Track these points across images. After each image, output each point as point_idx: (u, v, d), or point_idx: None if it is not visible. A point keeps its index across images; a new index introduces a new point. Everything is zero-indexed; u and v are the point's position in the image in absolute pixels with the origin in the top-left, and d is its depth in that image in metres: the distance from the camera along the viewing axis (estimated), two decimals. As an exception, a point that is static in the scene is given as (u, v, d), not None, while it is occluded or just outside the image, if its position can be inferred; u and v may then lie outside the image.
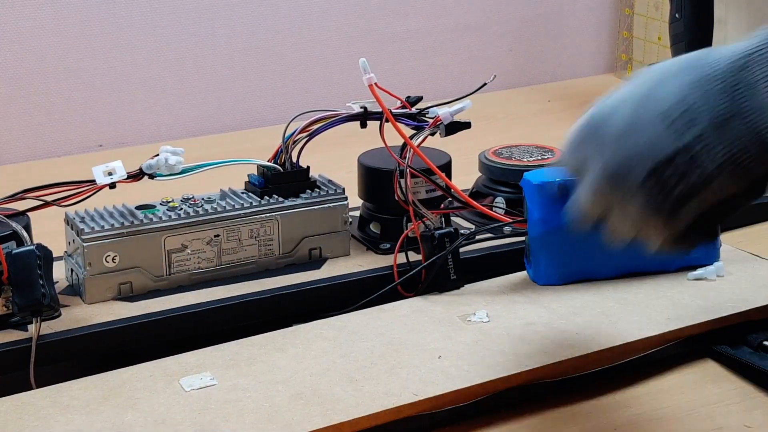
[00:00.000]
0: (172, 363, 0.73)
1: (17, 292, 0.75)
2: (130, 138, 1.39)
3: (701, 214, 0.59)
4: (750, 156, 0.56)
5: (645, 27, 1.55)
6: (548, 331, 0.77)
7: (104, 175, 0.80)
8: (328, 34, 1.47)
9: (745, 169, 0.57)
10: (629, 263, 0.85)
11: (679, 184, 0.58)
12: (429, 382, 0.70)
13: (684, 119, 0.57)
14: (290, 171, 0.88)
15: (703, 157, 0.57)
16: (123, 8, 1.35)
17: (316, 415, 0.67)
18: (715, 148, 0.57)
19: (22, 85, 1.32)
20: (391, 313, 0.80)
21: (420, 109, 0.88)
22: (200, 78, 1.41)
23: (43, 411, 0.68)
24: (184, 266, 0.84)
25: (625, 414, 0.71)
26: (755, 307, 0.80)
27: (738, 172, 0.57)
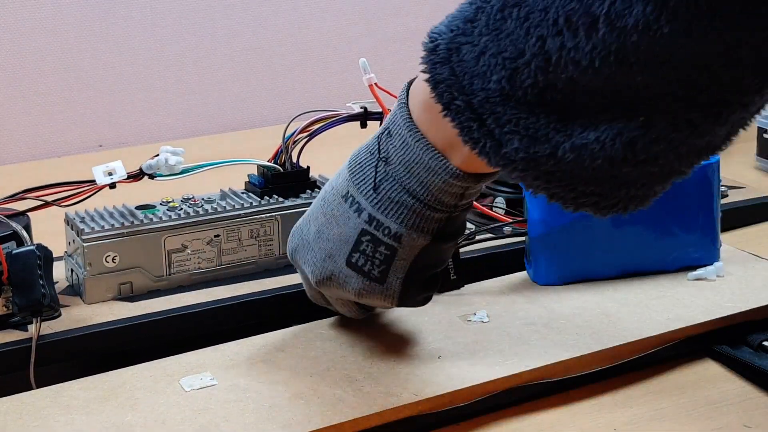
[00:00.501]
0: (172, 363, 0.73)
1: (17, 292, 0.75)
2: (130, 138, 1.39)
3: (410, 272, 0.69)
4: (408, 210, 0.67)
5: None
6: (548, 331, 0.77)
7: (104, 175, 0.80)
8: (328, 34, 1.47)
9: (420, 220, 0.67)
10: (629, 263, 0.85)
11: (376, 252, 0.68)
12: (429, 382, 0.70)
13: (354, 207, 0.68)
14: (290, 171, 0.88)
15: (382, 227, 0.67)
16: (123, 8, 1.35)
17: (316, 415, 0.67)
18: (385, 222, 0.67)
19: (22, 85, 1.32)
20: (391, 313, 0.80)
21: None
22: (200, 78, 1.41)
23: (43, 411, 0.68)
24: (185, 266, 0.84)
25: (624, 414, 0.71)
26: (755, 307, 0.80)
27: (414, 224, 0.67)
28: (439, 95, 0.60)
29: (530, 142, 0.57)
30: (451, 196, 0.66)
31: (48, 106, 1.34)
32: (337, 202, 0.70)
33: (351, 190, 0.69)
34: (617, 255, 0.84)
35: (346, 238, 0.69)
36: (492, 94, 0.57)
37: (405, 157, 0.66)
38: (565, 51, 0.53)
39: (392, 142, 0.66)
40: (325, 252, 0.70)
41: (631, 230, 0.84)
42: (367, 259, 0.69)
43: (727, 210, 0.99)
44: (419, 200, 0.66)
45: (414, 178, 0.66)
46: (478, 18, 0.58)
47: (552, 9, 0.53)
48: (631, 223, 0.83)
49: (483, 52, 0.58)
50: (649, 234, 0.84)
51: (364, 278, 0.69)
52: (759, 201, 1.02)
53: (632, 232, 0.84)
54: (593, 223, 0.83)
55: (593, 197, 0.59)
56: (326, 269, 0.70)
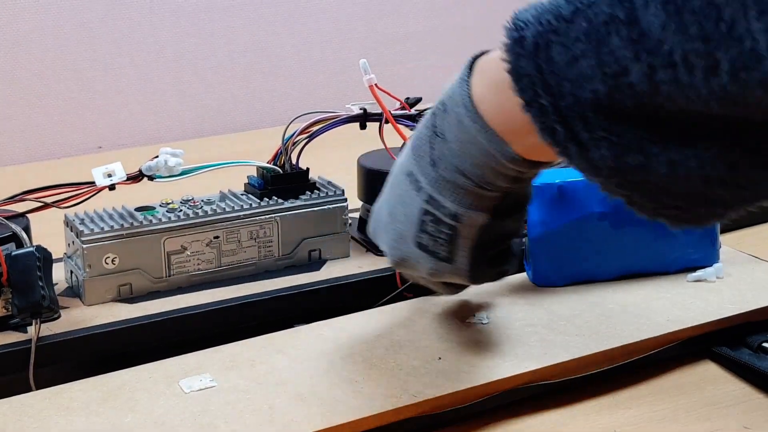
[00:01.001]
0: (171, 364, 0.73)
1: (17, 294, 0.75)
2: (130, 139, 1.39)
3: (476, 249, 0.68)
4: (462, 189, 0.65)
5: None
6: (548, 333, 0.77)
7: (104, 177, 0.80)
8: (328, 35, 1.47)
9: (475, 199, 0.66)
10: (629, 265, 0.85)
11: (439, 231, 0.67)
12: (429, 383, 0.70)
13: (415, 186, 0.67)
14: (290, 173, 0.88)
15: (440, 207, 0.66)
16: (122, 10, 1.35)
17: (316, 416, 0.67)
18: (443, 202, 0.66)
19: (22, 86, 1.32)
20: (390, 314, 0.80)
21: (419, 110, 0.88)
22: (199, 79, 1.41)
23: (43, 413, 0.68)
24: (184, 268, 0.84)
25: (624, 415, 0.71)
26: (755, 308, 0.80)
27: (471, 203, 0.66)
28: (522, 90, 0.58)
29: (621, 151, 0.55)
30: (504, 179, 0.64)
31: (47, 107, 1.34)
32: (403, 180, 0.68)
33: (412, 168, 0.67)
34: (616, 256, 0.84)
35: (412, 219, 0.67)
36: (584, 99, 0.55)
37: (459, 136, 0.64)
38: (677, 85, 0.51)
39: (447, 118, 0.64)
40: (397, 233, 0.69)
41: (630, 231, 0.84)
42: (432, 239, 0.67)
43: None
44: (472, 180, 0.64)
45: (467, 157, 0.64)
46: (576, 21, 0.55)
47: (668, 42, 0.51)
48: (630, 225, 0.83)
49: (577, 58, 0.55)
50: (649, 235, 0.84)
51: (433, 258, 0.68)
52: (758, 202, 1.02)
53: (631, 233, 0.84)
54: (592, 224, 0.83)
55: (674, 210, 0.58)
56: (399, 251, 0.69)
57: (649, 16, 0.52)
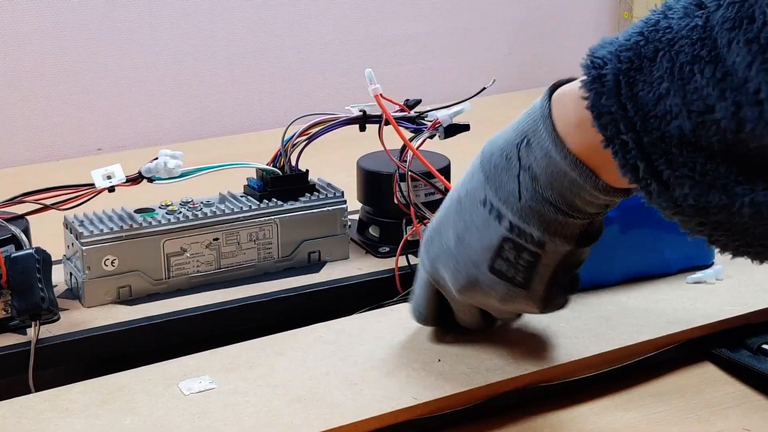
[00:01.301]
0: (171, 366, 0.73)
1: (16, 296, 0.75)
2: (129, 141, 1.39)
3: (553, 276, 0.68)
4: (550, 218, 0.65)
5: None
6: (547, 335, 0.77)
7: (103, 179, 0.80)
8: (327, 37, 1.47)
9: (562, 227, 0.66)
10: (634, 267, 0.85)
11: (520, 258, 0.67)
12: (428, 385, 0.70)
13: (494, 214, 0.67)
14: (289, 174, 0.88)
15: (524, 234, 0.66)
16: (122, 12, 1.35)
17: (316, 418, 0.67)
18: (527, 230, 0.66)
19: (21, 88, 1.32)
20: (390, 316, 0.80)
21: (419, 112, 0.88)
22: (199, 81, 1.41)
23: (42, 415, 0.68)
24: (183, 270, 0.84)
25: (624, 417, 0.71)
26: (754, 310, 0.80)
27: (557, 231, 0.66)
28: (602, 127, 0.59)
29: (703, 190, 0.56)
30: (595, 207, 0.65)
31: (47, 109, 1.34)
32: (475, 207, 0.68)
33: (489, 196, 0.67)
34: (623, 259, 0.84)
35: (488, 245, 0.67)
36: (668, 136, 0.56)
37: (548, 169, 0.64)
38: (763, 123, 0.52)
39: (532, 152, 0.65)
40: (468, 259, 0.69)
41: (636, 233, 0.83)
42: (511, 266, 0.67)
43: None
44: (561, 210, 0.65)
45: (556, 189, 0.64)
46: (659, 60, 0.56)
47: (754, 80, 0.52)
48: (637, 226, 0.83)
49: (662, 96, 0.56)
50: (652, 236, 0.84)
51: (508, 284, 0.68)
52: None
53: (637, 235, 0.83)
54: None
55: (758, 248, 0.58)
56: (471, 276, 0.69)
57: (732, 56, 0.52)
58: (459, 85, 1.54)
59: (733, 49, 0.52)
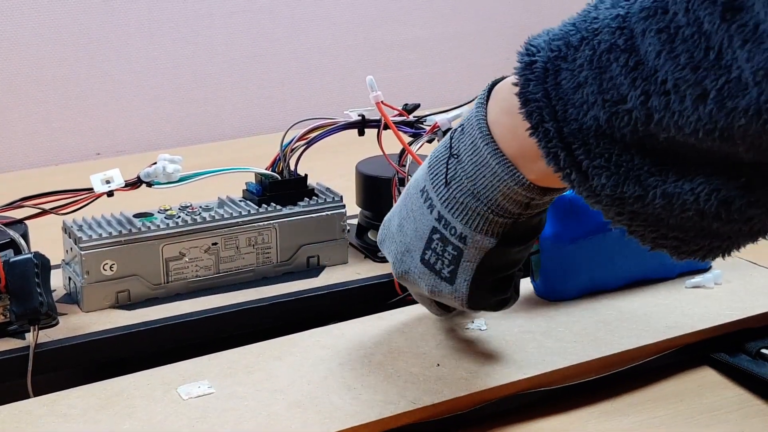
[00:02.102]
0: (169, 371, 0.73)
1: (15, 301, 0.75)
2: (128, 146, 1.39)
3: (478, 273, 0.67)
4: (472, 211, 0.66)
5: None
6: (546, 339, 0.77)
7: (102, 184, 0.80)
8: (326, 42, 1.47)
9: (484, 223, 0.66)
10: (636, 272, 0.84)
11: (445, 251, 0.67)
12: (427, 390, 0.70)
13: (428, 203, 0.67)
14: (288, 179, 0.88)
15: (449, 226, 0.66)
16: (121, 17, 1.35)
17: (314, 423, 0.67)
18: (452, 222, 0.66)
19: (20, 93, 1.32)
20: (388, 320, 0.80)
21: (417, 116, 0.88)
22: (198, 86, 1.42)
23: (41, 420, 0.68)
24: (182, 274, 0.84)
25: (623, 422, 0.71)
26: (753, 314, 0.80)
27: (479, 226, 0.66)
28: (528, 114, 0.59)
29: (619, 181, 0.56)
30: (515, 204, 0.65)
31: (46, 114, 1.34)
32: (416, 195, 0.69)
33: (426, 185, 0.67)
34: (624, 264, 0.84)
35: (421, 234, 0.68)
36: (586, 126, 0.56)
37: (473, 158, 0.64)
38: (669, 113, 0.52)
39: (464, 140, 0.65)
40: (404, 246, 0.70)
41: None
42: (438, 258, 0.68)
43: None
44: (483, 203, 0.65)
45: (479, 180, 0.64)
46: (582, 49, 0.57)
47: (662, 70, 0.52)
48: None
49: (581, 85, 0.56)
50: None
51: (435, 276, 0.68)
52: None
53: None
54: (604, 234, 0.82)
55: (674, 241, 0.58)
56: (404, 264, 0.70)
57: (645, 45, 0.53)
58: (457, 89, 1.54)
59: (646, 38, 0.53)
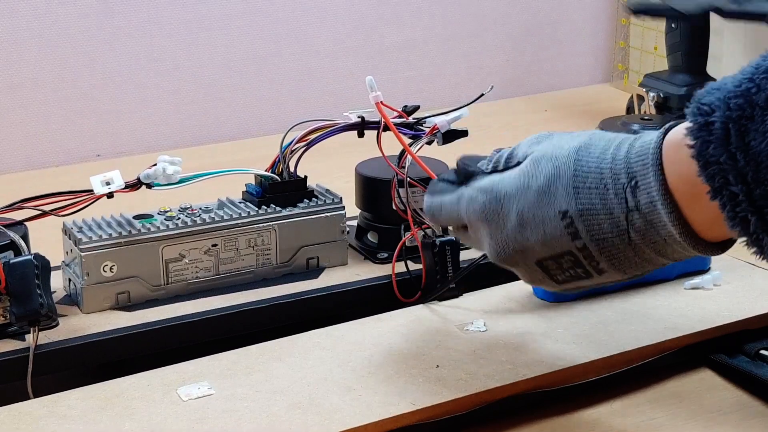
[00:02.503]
0: (169, 372, 0.73)
1: (15, 302, 0.75)
2: (128, 148, 1.39)
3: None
4: (626, 259, 0.64)
5: (641, 37, 1.55)
6: (545, 340, 0.77)
7: (102, 185, 0.80)
8: (326, 43, 1.47)
9: (627, 267, 0.65)
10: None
11: (573, 270, 0.66)
12: (427, 391, 0.70)
13: (576, 227, 0.64)
14: (288, 180, 0.88)
15: (593, 259, 0.65)
16: (120, 18, 1.35)
17: (314, 424, 0.67)
18: (597, 258, 0.64)
19: (20, 94, 1.32)
20: (388, 322, 0.80)
21: (417, 118, 0.88)
22: (198, 87, 1.42)
23: (41, 421, 0.68)
24: (182, 276, 0.84)
25: (622, 423, 0.71)
26: (752, 316, 0.80)
27: (622, 268, 0.65)
28: (709, 177, 0.57)
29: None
30: (676, 259, 0.64)
31: (46, 115, 1.34)
32: (550, 211, 0.65)
33: (572, 212, 0.64)
34: None
35: (548, 246, 0.66)
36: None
37: (649, 217, 0.62)
38: None
39: (638, 197, 0.62)
40: (521, 245, 0.67)
41: None
42: (559, 269, 0.66)
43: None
44: (642, 257, 0.64)
45: (649, 237, 0.62)
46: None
47: None
48: None
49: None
50: None
51: (546, 276, 0.67)
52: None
53: None
54: None
55: None
56: (512, 259, 0.68)
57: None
58: (457, 91, 1.54)
59: None
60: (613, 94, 1.56)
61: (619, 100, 1.46)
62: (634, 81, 1.51)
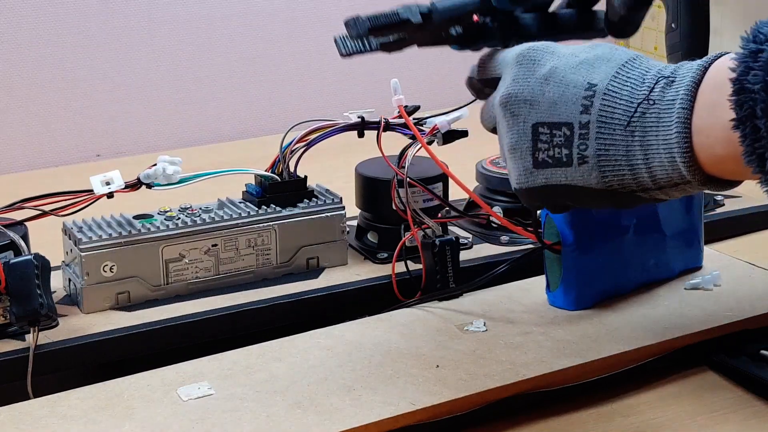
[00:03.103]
0: (169, 372, 0.73)
1: (15, 302, 0.75)
2: (128, 148, 1.39)
3: (549, 186, 0.66)
4: (621, 178, 0.63)
5: (641, 37, 1.55)
6: (545, 341, 0.77)
7: (102, 185, 0.80)
8: (325, 43, 1.47)
9: (616, 183, 0.64)
10: (644, 275, 0.84)
11: (549, 151, 0.65)
12: (426, 391, 0.70)
13: (592, 101, 0.64)
14: (288, 180, 0.88)
15: (578, 145, 0.64)
16: (121, 18, 1.35)
17: (314, 424, 0.67)
18: (589, 144, 0.64)
19: (20, 94, 1.32)
20: (388, 322, 0.80)
21: (417, 118, 0.88)
22: (198, 87, 1.42)
23: (41, 421, 0.68)
24: (182, 276, 0.84)
25: (622, 423, 0.71)
26: (752, 316, 0.80)
27: (607, 195, 0.64)
28: (738, 104, 0.56)
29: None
30: (655, 181, 0.62)
31: (46, 115, 1.34)
32: (580, 79, 0.65)
33: (599, 88, 0.64)
34: (637, 267, 0.83)
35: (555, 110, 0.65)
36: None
37: (662, 115, 0.61)
38: None
39: (666, 92, 0.61)
40: (533, 97, 0.67)
41: (649, 239, 0.83)
42: (548, 144, 0.65)
43: (723, 219, 1.00)
44: (629, 161, 0.63)
45: (648, 140, 0.61)
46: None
47: None
48: (649, 231, 0.83)
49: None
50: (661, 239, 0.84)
51: (529, 147, 0.66)
52: (755, 210, 1.03)
53: (650, 240, 0.83)
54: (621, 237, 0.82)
55: None
56: (516, 107, 0.67)
57: None
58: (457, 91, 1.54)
59: None
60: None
61: (619, 100, 1.46)
62: (634, 81, 1.51)
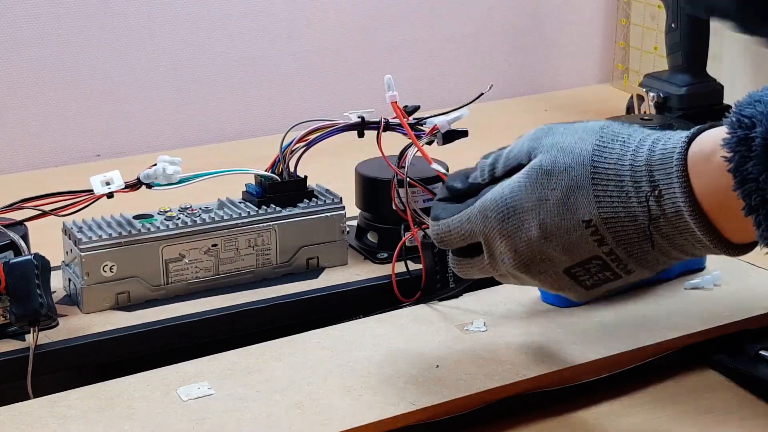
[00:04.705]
0: (169, 373, 0.73)
1: (15, 302, 0.75)
2: (128, 148, 1.39)
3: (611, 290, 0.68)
4: (653, 259, 0.64)
5: (641, 37, 1.55)
6: (545, 341, 0.77)
7: (102, 185, 0.80)
8: (325, 43, 1.47)
9: (656, 266, 0.65)
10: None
11: (600, 273, 0.65)
12: (426, 391, 0.70)
13: (601, 233, 0.63)
14: (288, 180, 0.88)
15: (620, 262, 0.64)
16: (121, 18, 1.35)
17: (314, 424, 0.67)
18: (625, 260, 0.64)
19: (20, 94, 1.32)
20: (388, 322, 0.80)
21: (417, 118, 0.88)
22: (198, 87, 1.42)
23: (41, 421, 0.68)
24: (182, 276, 0.84)
25: (623, 423, 0.71)
26: (752, 316, 0.80)
27: (651, 267, 0.65)
28: (746, 194, 0.56)
29: None
30: (705, 254, 0.64)
31: (46, 115, 1.34)
32: (573, 220, 0.64)
33: (596, 220, 0.63)
34: None
35: (575, 254, 0.65)
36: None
37: (676, 224, 0.61)
38: None
39: (665, 205, 0.61)
40: (547, 255, 0.66)
41: None
42: (589, 275, 0.66)
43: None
44: (669, 256, 0.63)
45: (677, 241, 0.62)
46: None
47: None
48: None
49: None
50: None
51: (574, 283, 0.67)
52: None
53: None
54: None
55: None
56: (538, 269, 0.67)
57: None
58: (457, 91, 1.54)
59: None
60: (613, 94, 1.56)
61: (619, 100, 1.46)
62: (634, 81, 1.51)
